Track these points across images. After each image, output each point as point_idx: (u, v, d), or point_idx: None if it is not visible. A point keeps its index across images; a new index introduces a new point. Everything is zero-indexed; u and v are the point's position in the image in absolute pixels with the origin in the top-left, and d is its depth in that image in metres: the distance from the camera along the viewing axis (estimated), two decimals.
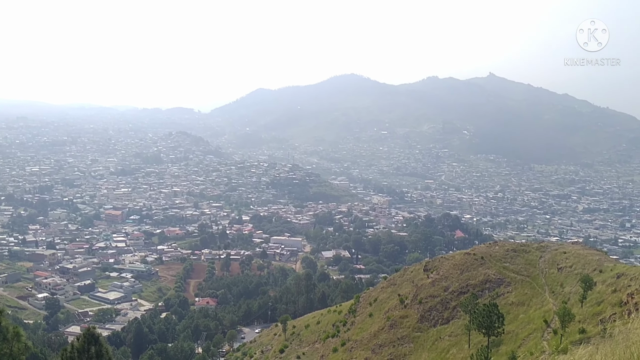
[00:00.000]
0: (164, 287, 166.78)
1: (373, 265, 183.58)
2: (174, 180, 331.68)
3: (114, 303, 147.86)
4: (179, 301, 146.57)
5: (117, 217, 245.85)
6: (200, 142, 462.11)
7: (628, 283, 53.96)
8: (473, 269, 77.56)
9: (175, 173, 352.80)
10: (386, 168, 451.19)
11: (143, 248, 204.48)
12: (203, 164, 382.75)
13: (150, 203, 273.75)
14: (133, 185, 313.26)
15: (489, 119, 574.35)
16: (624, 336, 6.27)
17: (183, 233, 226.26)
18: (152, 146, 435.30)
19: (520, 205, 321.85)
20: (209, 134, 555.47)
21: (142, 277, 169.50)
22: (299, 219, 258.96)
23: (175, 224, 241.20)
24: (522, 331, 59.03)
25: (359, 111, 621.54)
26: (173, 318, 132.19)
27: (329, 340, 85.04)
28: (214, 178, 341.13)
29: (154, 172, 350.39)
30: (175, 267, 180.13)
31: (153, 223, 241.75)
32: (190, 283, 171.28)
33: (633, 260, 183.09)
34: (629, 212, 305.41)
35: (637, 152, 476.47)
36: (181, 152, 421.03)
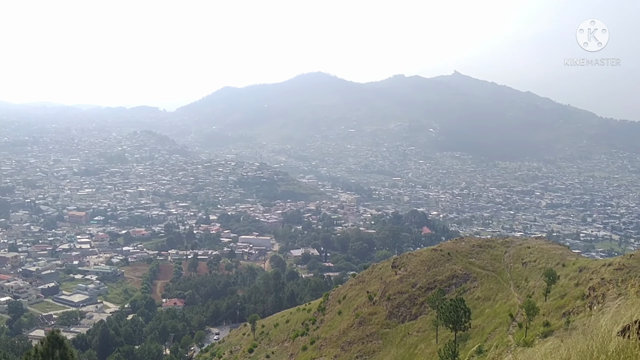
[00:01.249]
0: (130, 289, 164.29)
1: (342, 263, 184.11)
2: (139, 180, 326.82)
3: (78, 306, 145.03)
4: (146, 302, 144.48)
5: (81, 218, 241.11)
6: (165, 141, 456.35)
7: (590, 276, 55.29)
8: (440, 264, 78.45)
9: (141, 173, 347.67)
10: (354, 166, 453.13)
11: (108, 249, 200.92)
12: (169, 163, 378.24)
13: (115, 203, 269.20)
14: (97, 186, 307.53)
15: (455, 116, 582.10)
16: (586, 329, 6.31)
17: (149, 233, 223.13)
18: (116, 146, 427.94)
19: (485, 202, 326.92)
20: (174, 133, 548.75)
21: (107, 278, 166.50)
22: (267, 218, 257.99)
23: (141, 225, 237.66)
24: (489, 325, 59.94)
25: (327, 109, 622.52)
26: (140, 320, 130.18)
27: (299, 339, 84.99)
28: (180, 177, 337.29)
29: (119, 172, 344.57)
30: (142, 268, 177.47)
31: (118, 224, 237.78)
32: (157, 284, 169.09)
33: (594, 254, 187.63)
34: (590, 207, 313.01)
35: (598, 149, 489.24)
36: (146, 151, 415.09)
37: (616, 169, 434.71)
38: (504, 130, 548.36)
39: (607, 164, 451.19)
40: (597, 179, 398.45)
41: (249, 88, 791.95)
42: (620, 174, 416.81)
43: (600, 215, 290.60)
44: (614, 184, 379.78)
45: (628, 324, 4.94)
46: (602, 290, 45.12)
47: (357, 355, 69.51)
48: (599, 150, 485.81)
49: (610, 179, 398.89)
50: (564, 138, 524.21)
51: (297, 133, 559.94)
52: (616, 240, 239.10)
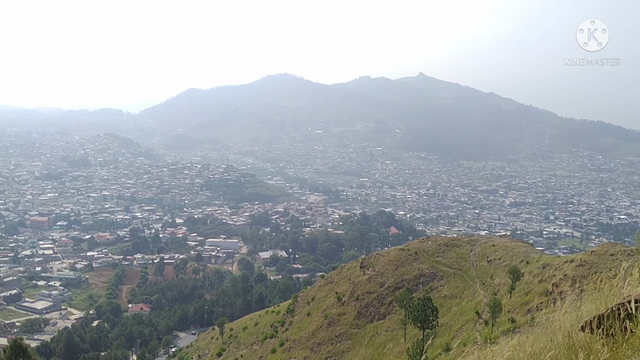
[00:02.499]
0: (95, 295, 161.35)
1: (310, 264, 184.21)
2: (103, 184, 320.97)
3: (42, 313, 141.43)
4: (111, 308, 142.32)
5: (43, 223, 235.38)
6: (129, 144, 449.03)
7: (553, 273, 56.53)
8: (407, 264, 79.16)
9: (104, 176, 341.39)
10: (321, 167, 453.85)
11: (72, 255, 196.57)
12: (133, 167, 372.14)
13: (78, 208, 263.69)
14: (60, 190, 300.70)
15: (420, 117, 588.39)
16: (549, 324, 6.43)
17: (114, 238, 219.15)
18: (79, 149, 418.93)
19: (451, 201, 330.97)
20: (139, 136, 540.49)
21: (71, 284, 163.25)
22: (234, 220, 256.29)
23: (106, 229, 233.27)
24: (456, 323, 60.71)
25: (294, 111, 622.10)
26: (105, 326, 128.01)
27: (268, 341, 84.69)
28: (145, 181, 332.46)
29: (82, 175, 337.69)
30: (107, 274, 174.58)
31: (82, 228, 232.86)
32: (123, 289, 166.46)
33: (557, 251, 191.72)
34: (552, 205, 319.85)
35: (559, 148, 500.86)
36: (110, 154, 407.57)
37: (577, 167, 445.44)
38: (468, 130, 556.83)
39: (568, 162, 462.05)
40: (559, 177, 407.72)
41: (214, 90, 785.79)
42: (580, 172, 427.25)
43: (562, 213, 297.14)
44: (575, 182, 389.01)
45: (589, 319, 5.05)
46: (564, 287, 46.17)
47: (326, 356, 69.59)
48: (560, 149, 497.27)
49: (571, 177, 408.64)
50: (526, 138, 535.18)
51: (264, 135, 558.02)
52: (578, 237, 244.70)
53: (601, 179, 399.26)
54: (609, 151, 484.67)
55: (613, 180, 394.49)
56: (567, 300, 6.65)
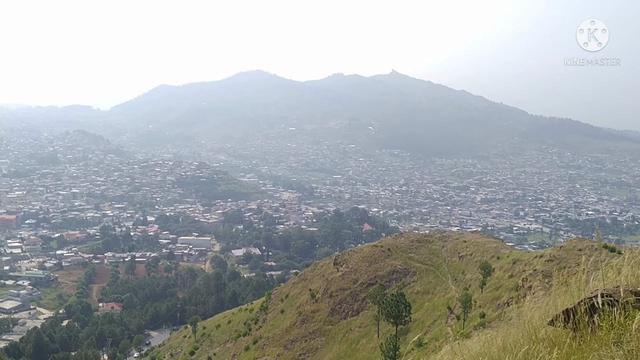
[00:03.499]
0: (65, 294, 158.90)
1: (284, 262, 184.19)
2: (73, 182, 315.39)
3: (10, 312, 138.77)
4: (82, 307, 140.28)
5: (11, 221, 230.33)
6: (100, 141, 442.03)
7: (523, 268, 57.45)
8: (381, 260, 79.64)
9: (74, 174, 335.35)
10: (295, 164, 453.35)
11: (41, 253, 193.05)
12: (103, 164, 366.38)
13: (47, 206, 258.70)
14: (28, 188, 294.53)
15: (393, 114, 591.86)
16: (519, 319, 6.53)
17: (84, 236, 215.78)
18: (47, 146, 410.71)
19: (423, 198, 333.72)
20: (109, 132, 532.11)
21: (40, 284, 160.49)
22: (207, 218, 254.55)
23: (75, 227, 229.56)
24: (428, 318, 61.33)
25: (267, 108, 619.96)
26: (76, 325, 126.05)
27: (241, 339, 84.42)
28: (116, 178, 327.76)
29: (51, 173, 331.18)
30: (77, 272, 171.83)
31: (51, 227, 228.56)
32: (93, 288, 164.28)
33: (527, 246, 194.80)
34: (522, 201, 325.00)
35: (528, 145, 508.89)
36: (80, 151, 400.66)
37: (546, 164, 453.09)
38: (440, 127, 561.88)
39: (537, 159, 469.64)
40: (529, 174, 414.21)
41: (186, 86, 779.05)
42: (549, 169, 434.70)
43: (532, 209, 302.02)
44: (544, 179, 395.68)
45: (557, 313, 5.15)
46: (534, 281, 46.95)
47: (300, 353, 69.64)
48: (529, 146, 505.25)
49: (540, 174, 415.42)
50: (497, 135, 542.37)
51: (236, 132, 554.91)
52: (547, 232, 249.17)
53: (570, 175, 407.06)
54: (577, 148, 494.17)
55: (581, 177, 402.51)
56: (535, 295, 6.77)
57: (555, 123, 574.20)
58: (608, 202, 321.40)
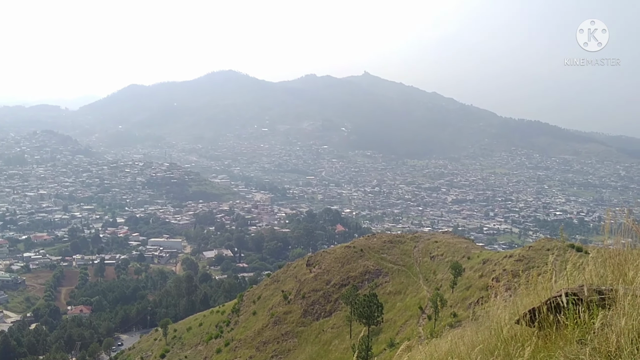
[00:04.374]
0: (33, 297, 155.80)
1: (256, 263, 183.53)
2: (40, 183, 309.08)
3: None
4: (50, 310, 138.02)
5: None
6: (68, 141, 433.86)
7: (493, 268, 58.28)
8: (353, 261, 79.92)
9: (42, 175, 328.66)
10: (268, 165, 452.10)
11: (7, 256, 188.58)
12: (72, 165, 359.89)
13: (14, 207, 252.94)
14: None
15: (365, 116, 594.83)
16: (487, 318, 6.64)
17: (52, 238, 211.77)
18: (14, 146, 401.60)
19: (395, 199, 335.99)
20: (77, 133, 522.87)
21: (7, 287, 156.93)
22: (178, 220, 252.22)
23: (43, 229, 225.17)
24: (400, 318, 61.74)
25: (239, 108, 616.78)
26: (44, 329, 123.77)
27: (212, 342, 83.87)
28: (85, 179, 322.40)
29: (18, 174, 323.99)
30: (45, 275, 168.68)
31: (18, 229, 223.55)
32: (62, 291, 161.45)
33: (496, 246, 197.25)
34: (492, 202, 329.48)
35: (498, 147, 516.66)
36: (47, 152, 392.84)
37: (515, 165, 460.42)
38: (412, 129, 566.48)
39: (506, 160, 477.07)
40: (498, 175, 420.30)
41: (157, 86, 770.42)
42: (518, 170, 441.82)
43: (502, 209, 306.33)
44: (513, 180, 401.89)
45: (524, 312, 5.25)
46: (503, 281, 47.63)
47: (272, 354, 69.45)
48: (499, 148, 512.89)
49: (509, 175, 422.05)
50: (467, 137, 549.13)
51: (208, 132, 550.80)
52: (516, 232, 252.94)
53: (538, 176, 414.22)
54: (546, 150, 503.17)
55: (549, 178, 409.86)
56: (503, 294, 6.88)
57: (524, 125, 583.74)
58: (575, 202, 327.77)
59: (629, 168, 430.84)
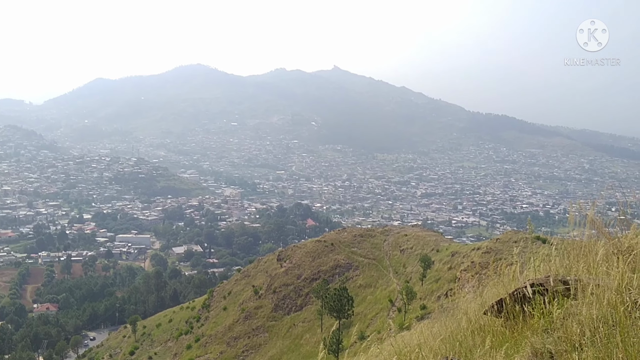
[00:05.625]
0: None
1: (227, 259, 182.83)
2: (4, 179, 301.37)
3: None
4: (15, 309, 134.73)
5: None
6: (32, 136, 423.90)
7: (461, 260, 59.14)
8: (324, 255, 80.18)
9: (5, 170, 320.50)
10: (237, 160, 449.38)
11: None
12: (37, 160, 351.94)
13: None
14: None
15: (335, 110, 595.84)
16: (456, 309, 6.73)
17: (16, 235, 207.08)
18: None
19: (365, 193, 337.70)
20: (42, 127, 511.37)
21: None
22: (146, 215, 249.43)
23: (7, 226, 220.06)
24: (370, 311, 62.24)
25: (208, 102, 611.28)
26: (9, 327, 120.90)
27: (183, 338, 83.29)
28: (50, 175, 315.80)
29: None
30: (9, 273, 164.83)
31: None
32: (27, 289, 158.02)
33: (465, 239, 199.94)
34: (460, 195, 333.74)
35: (466, 141, 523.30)
36: (11, 147, 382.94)
37: (483, 159, 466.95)
38: (382, 123, 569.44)
39: (474, 154, 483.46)
40: (466, 169, 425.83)
41: (123, 80, 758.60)
42: (486, 164, 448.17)
43: (470, 202, 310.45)
44: (481, 174, 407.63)
45: (491, 303, 5.34)
46: (471, 273, 48.38)
47: (243, 349, 69.32)
48: (467, 142, 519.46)
49: (477, 168, 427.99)
50: (436, 131, 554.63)
51: (176, 127, 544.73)
52: (484, 225, 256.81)
53: (505, 170, 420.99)
54: (512, 144, 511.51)
55: (516, 171, 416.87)
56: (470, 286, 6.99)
57: (492, 119, 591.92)
58: (541, 195, 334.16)
59: (593, 161, 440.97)
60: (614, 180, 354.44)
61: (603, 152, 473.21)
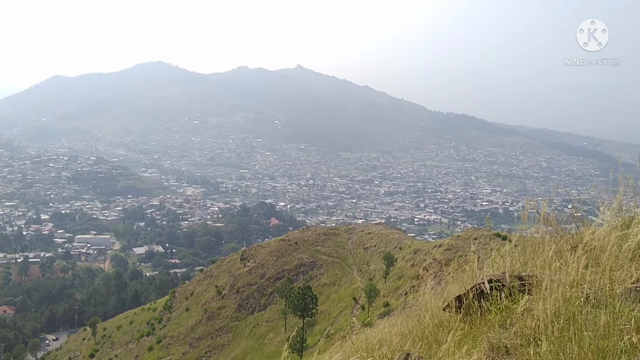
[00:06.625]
0: None
1: (189, 259, 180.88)
2: None
3: None
4: None
5: None
6: None
7: (423, 258, 59.93)
8: (288, 254, 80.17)
9: None
10: (199, 159, 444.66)
11: None
12: None
13: None
14: None
15: (299, 109, 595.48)
16: (418, 306, 6.84)
17: None
18: None
19: (329, 191, 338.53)
20: None
21: None
22: (106, 215, 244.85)
23: None
24: (334, 310, 62.52)
25: (169, 100, 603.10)
26: None
27: (144, 339, 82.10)
28: (6, 174, 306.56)
29: None
30: None
31: None
32: None
33: (427, 236, 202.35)
34: (423, 193, 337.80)
35: (428, 140, 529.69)
36: None
37: (444, 158, 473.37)
38: (345, 122, 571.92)
39: (436, 153, 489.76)
40: (428, 167, 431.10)
41: (82, 77, 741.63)
42: (447, 162, 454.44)
43: (431, 200, 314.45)
44: (443, 172, 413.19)
45: (450, 299, 5.46)
46: (433, 270, 49.08)
47: (206, 350, 68.77)
48: (429, 141, 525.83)
49: (439, 167, 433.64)
50: (399, 130, 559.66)
51: (137, 125, 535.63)
52: (445, 223, 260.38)
53: (466, 168, 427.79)
54: (473, 142, 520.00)
55: (476, 170, 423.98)
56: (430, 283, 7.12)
57: (453, 119, 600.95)
58: (501, 193, 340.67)
59: (550, 159, 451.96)
60: (570, 177, 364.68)
61: (560, 150, 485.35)
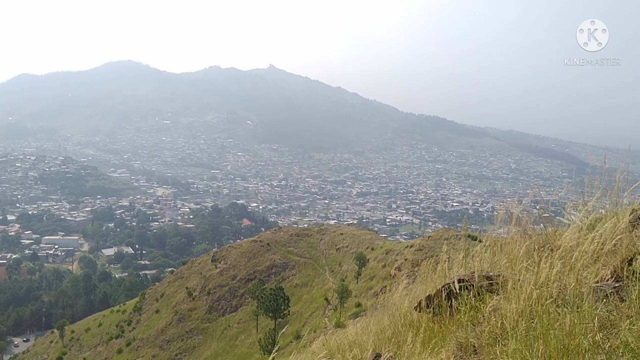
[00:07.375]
0: None
1: (159, 260, 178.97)
2: None
3: None
4: None
5: None
6: None
7: (395, 258, 60.35)
8: (260, 255, 79.93)
9: None
10: (170, 159, 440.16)
11: None
12: None
13: None
14: None
15: (271, 109, 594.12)
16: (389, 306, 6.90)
17: None
18: None
19: (302, 192, 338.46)
20: None
21: None
22: (74, 216, 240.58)
23: None
24: (306, 311, 62.54)
25: (139, 100, 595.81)
26: None
27: (113, 342, 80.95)
28: None
29: None
30: None
31: None
32: None
33: (399, 237, 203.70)
34: (394, 194, 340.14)
35: (400, 141, 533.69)
36: None
37: (415, 159, 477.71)
38: (318, 123, 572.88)
39: (408, 154, 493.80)
40: (400, 168, 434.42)
41: (50, 75, 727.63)
42: (419, 163, 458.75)
43: (403, 201, 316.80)
44: (414, 173, 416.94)
45: (420, 299, 5.52)
46: (405, 270, 49.49)
47: (176, 352, 68.12)
48: (401, 142, 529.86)
49: (410, 168, 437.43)
50: (371, 131, 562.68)
51: (106, 125, 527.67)
52: (417, 223, 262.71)
53: (437, 169, 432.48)
54: (444, 144, 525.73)
55: (447, 171, 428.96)
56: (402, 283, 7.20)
57: (424, 120, 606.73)
58: (471, 194, 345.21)
59: (519, 161, 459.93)
60: (539, 179, 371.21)
61: (528, 152, 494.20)
